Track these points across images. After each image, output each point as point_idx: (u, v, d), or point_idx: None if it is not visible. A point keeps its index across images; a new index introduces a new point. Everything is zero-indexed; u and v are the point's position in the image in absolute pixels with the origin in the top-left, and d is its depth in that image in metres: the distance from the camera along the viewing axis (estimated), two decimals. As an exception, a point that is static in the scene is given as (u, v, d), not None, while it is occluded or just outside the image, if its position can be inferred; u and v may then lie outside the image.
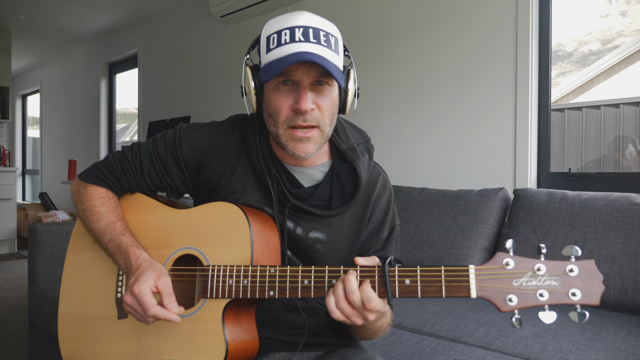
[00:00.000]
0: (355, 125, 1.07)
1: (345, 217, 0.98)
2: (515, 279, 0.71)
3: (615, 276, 1.58)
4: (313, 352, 1.02)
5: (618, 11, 2.48)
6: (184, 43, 4.32)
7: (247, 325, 0.93)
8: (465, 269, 0.73)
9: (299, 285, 0.83)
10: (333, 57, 0.87)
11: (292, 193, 0.97)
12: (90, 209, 1.01)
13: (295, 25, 0.86)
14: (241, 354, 0.90)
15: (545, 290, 0.70)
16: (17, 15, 4.83)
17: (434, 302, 1.69)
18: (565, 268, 0.70)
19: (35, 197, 7.47)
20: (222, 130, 1.03)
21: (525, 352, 1.29)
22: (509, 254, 0.72)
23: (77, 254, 1.10)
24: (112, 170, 1.04)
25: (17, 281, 3.86)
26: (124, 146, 1.07)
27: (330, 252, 0.99)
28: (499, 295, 0.71)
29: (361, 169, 0.96)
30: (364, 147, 1.02)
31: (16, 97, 7.64)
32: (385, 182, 1.04)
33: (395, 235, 1.05)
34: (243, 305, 0.92)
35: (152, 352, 0.94)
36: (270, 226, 0.95)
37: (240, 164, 1.00)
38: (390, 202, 1.04)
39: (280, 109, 0.88)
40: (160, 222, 1.00)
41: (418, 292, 0.75)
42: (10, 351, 2.40)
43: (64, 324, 1.08)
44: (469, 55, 2.40)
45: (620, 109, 2.49)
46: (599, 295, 0.69)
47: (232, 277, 0.87)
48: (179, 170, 1.02)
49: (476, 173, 2.37)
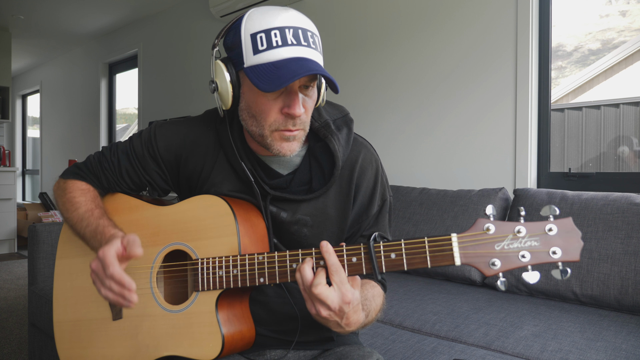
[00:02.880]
0: (330, 102, 1.03)
1: (328, 197, 0.97)
2: (497, 242, 0.72)
3: (615, 276, 1.58)
4: (309, 350, 1.02)
5: (618, 11, 2.48)
6: (183, 43, 4.32)
7: (241, 315, 0.93)
8: (447, 238, 0.74)
9: (287, 269, 0.83)
10: (319, 59, 0.87)
11: (270, 185, 0.96)
12: (69, 200, 1.02)
13: (284, 26, 0.84)
14: (238, 343, 0.91)
15: (527, 251, 0.71)
16: (17, 15, 4.83)
17: (434, 302, 1.69)
18: (544, 228, 0.71)
19: (35, 197, 7.47)
20: (198, 125, 1.02)
21: (525, 352, 1.29)
22: (489, 219, 0.73)
23: (66, 260, 1.10)
24: (92, 168, 1.06)
25: (17, 281, 3.86)
26: (104, 147, 1.08)
27: (319, 234, 0.98)
28: (483, 260, 0.73)
29: (336, 145, 0.94)
30: (341, 121, 1.00)
31: (16, 97, 7.64)
32: (370, 155, 1.01)
33: (387, 208, 1.02)
34: (236, 294, 0.93)
35: (150, 349, 0.94)
36: (256, 214, 0.95)
37: (218, 160, 1.00)
38: (377, 176, 1.01)
39: (268, 112, 0.87)
40: (145, 221, 1.00)
41: (404, 264, 0.76)
42: (10, 351, 2.40)
43: (60, 330, 1.08)
44: (469, 55, 2.40)
45: (620, 109, 2.49)
46: (579, 251, 0.70)
47: (221, 268, 0.88)
48: (157, 166, 1.03)
49: (476, 173, 2.37)
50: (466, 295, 1.76)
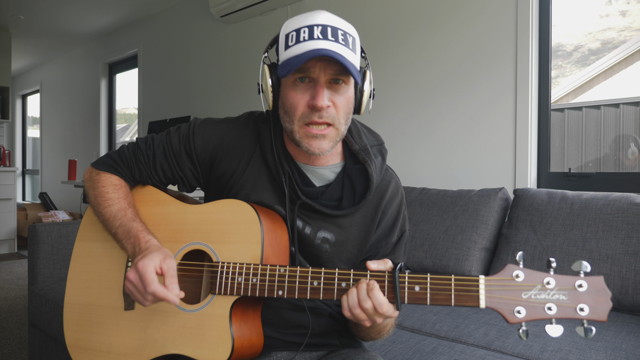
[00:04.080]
0: (369, 128, 1.08)
1: (355, 218, 0.98)
2: (525, 291, 0.72)
3: (615, 276, 1.58)
4: (315, 352, 1.02)
5: (618, 11, 2.49)
6: (184, 43, 4.32)
7: (253, 323, 0.93)
8: (475, 279, 0.74)
9: (308, 286, 0.83)
10: (350, 56, 0.88)
11: (303, 191, 0.97)
12: (102, 194, 1.02)
13: (314, 24, 0.87)
14: (246, 351, 0.90)
15: (554, 304, 0.70)
16: (17, 15, 4.83)
17: (434, 302, 1.69)
18: (574, 283, 0.70)
19: (35, 197, 7.47)
20: (236, 127, 1.03)
21: (525, 352, 1.29)
22: (519, 266, 0.73)
23: (86, 243, 1.10)
24: (126, 160, 1.05)
25: (17, 281, 3.86)
26: (138, 138, 1.08)
27: (339, 253, 0.99)
28: (508, 307, 0.72)
29: (373, 170, 0.97)
30: (377, 149, 1.03)
31: (16, 97, 7.64)
32: (397, 186, 1.05)
33: (405, 240, 1.05)
34: (250, 303, 0.92)
35: (158, 345, 0.94)
36: (281, 226, 0.96)
37: (252, 160, 1.00)
38: (401, 207, 1.04)
39: (296, 105, 0.89)
40: (171, 216, 1.01)
41: (427, 299, 0.76)
42: (10, 351, 2.40)
43: (70, 312, 1.08)
44: (469, 55, 2.40)
45: (620, 109, 2.49)
46: (607, 312, 0.69)
47: (241, 274, 0.88)
48: (191, 164, 1.03)
49: (476, 173, 2.37)
50: (466, 295, 1.76)
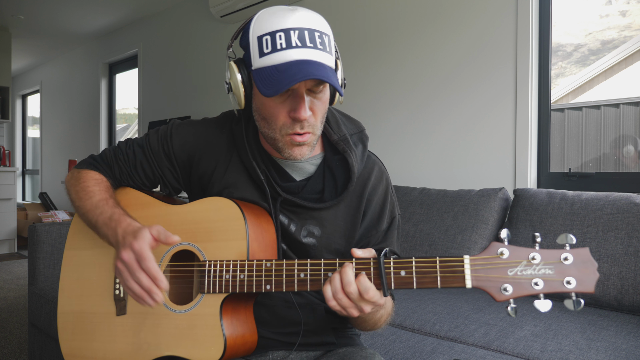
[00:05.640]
0: (348, 116, 1.05)
1: (339, 209, 0.98)
2: (510, 268, 0.71)
3: (615, 276, 1.58)
4: (312, 351, 1.02)
5: (618, 11, 2.49)
6: (183, 43, 4.32)
7: (245, 319, 0.93)
8: (460, 259, 0.73)
9: (295, 278, 0.83)
10: (328, 60, 0.86)
11: (282, 187, 0.97)
12: (83, 189, 1.02)
13: (290, 27, 0.82)
14: (240, 348, 0.90)
15: (540, 278, 0.70)
16: (17, 15, 4.83)
17: (434, 302, 1.69)
18: (559, 256, 0.70)
19: (35, 197, 7.47)
20: (214, 126, 1.04)
21: (525, 352, 1.29)
22: (504, 243, 0.72)
23: (75, 251, 1.11)
24: (106, 159, 1.07)
25: (17, 281, 3.86)
26: (120, 141, 1.10)
27: (326, 245, 0.98)
28: (494, 285, 0.71)
29: (353, 160, 0.96)
30: (357, 137, 1.01)
31: (16, 97, 7.64)
32: (381, 172, 1.03)
33: (396, 225, 1.03)
34: (241, 299, 0.92)
35: (151, 348, 0.94)
36: (266, 220, 0.96)
37: (232, 161, 1.00)
38: (387, 193, 1.03)
39: (276, 115, 0.87)
40: (156, 218, 1.00)
41: (414, 283, 0.75)
42: (10, 351, 2.40)
43: (64, 321, 1.09)
44: (469, 55, 2.40)
45: (620, 109, 2.49)
46: (594, 283, 0.68)
47: (228, 271, 0.88)
48: (170, 164, 1.03)
49: (476, 173, 2.37)
50: (466, 296, 1.76)
